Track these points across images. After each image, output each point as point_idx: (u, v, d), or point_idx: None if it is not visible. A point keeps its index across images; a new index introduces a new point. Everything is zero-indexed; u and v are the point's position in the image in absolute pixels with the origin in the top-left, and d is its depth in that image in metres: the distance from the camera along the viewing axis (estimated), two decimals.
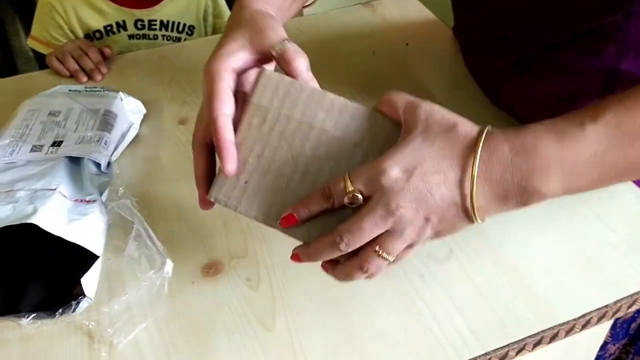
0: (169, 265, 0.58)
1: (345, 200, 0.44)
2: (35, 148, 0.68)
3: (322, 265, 0.49)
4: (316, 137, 0.48)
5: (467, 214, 0.44)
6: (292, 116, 0.48)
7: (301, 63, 0.49)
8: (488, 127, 0.44)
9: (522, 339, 0.54)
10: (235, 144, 0.48)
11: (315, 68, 0.78)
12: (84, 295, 0.56)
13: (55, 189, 0.61)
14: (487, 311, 0.56)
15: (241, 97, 0.51)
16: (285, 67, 0.49)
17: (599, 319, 0.57)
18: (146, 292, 0.57)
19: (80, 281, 0.55)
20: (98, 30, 1.08)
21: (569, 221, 0.64)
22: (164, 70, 0.89)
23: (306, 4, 0.69)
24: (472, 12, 0.79)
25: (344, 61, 0.90)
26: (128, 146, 0.74)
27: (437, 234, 0.46)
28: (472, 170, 0.43)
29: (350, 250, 0.45)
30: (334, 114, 0.48)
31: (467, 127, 0.45)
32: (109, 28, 1.09)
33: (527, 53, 0.70)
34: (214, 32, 1.18)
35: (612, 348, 0.84)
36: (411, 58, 0.91)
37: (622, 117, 0.43)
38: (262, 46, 0.50)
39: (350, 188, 0.44)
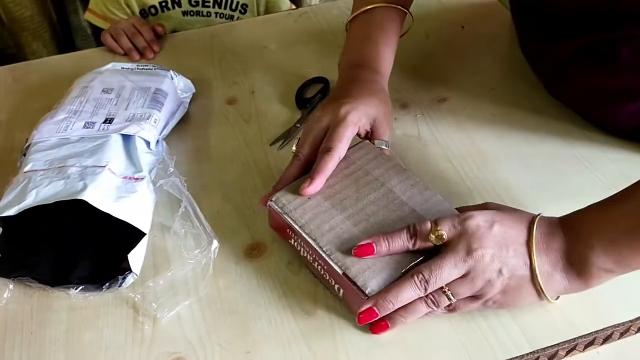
0: (215, 246, 0.58)
1: (432, 238, 0.50)
2: (88, 125, 0.69)
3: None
4: (383, 192, 0.56)
5: (534, 282, 0.49)
6: (371, 172, 0.58)
7: None
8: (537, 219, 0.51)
9: (573, 339, 0.51)
10: None
11: None
12: (130, 271, 0.57)
13: (104, 166, 0.62)
14: (537, 310, 0.54)
15: None
16: None
17: None
18: (191, 270, 0.58)
19: (127, 257, 0.56)
20: (153, 6, 1.09)
21: None
22: (214, 50, 0.89)
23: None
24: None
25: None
26: (177, 125, 0.74)
27: (504, 298, 0.50)
28: (532, 238, 0.49)
29: (427, 291, 0.49)
30: (406, 184, 0.57)
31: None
32: (164, 4, 1.09)
33: (586, 44, 0.66)
34: (267, 11, 1.17)
35: None
36: (467, 42, 0.88)
37: None
38: (374, 134, 0.63)
39: (438, 228, 0.49)
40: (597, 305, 0.54)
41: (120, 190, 0.60)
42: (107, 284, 0.57)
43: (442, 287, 0.49)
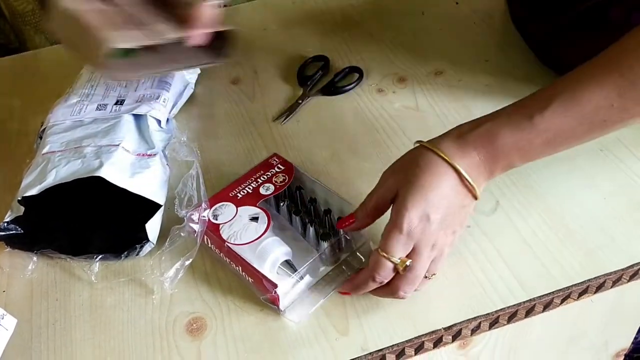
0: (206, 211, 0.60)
1: (402, 272, 0.50)
2: (100, 107, 0.72)
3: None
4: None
5: (473, 195, 0.51)
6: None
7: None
8: (437, 146, 0.50)
9: (568, 287, 0.55)
10: None
11: (362, 28, 0.79)
12: (147, 240, 0.60)
13: (118, 145, 0.65)
14: (532, 261, 0.57)
15: None
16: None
17: None
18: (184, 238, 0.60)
19: (144, 227, 0.59)
20: None
21: (619, 172, 0.64)
22: None
23: None
24: None
25: (392, 21, 0.90)
26: (184, 105, 0.77)
27: (461, 228, 0.53)
28: (462, 175, 0.49)
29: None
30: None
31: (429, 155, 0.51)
32: None
33: (576, 11, 0.69)
34: None
35: None
36: (462, 18, 0.90)
37: (566, 104, 0.48)
38: None
39: (398, 261, 0.50)
40: (591, 255, 0.57)
41: (135, 166, 0.63)
42: (125, 253, 0.60)
43: (425, 277, 0.52)
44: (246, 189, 0.62)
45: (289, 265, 0.56)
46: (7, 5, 1.54)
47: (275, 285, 0.52)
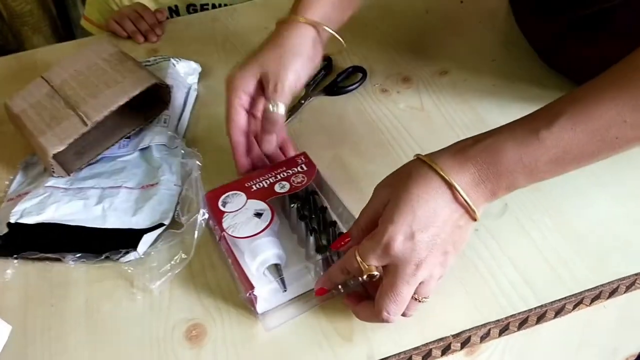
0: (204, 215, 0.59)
1: (365, 278, 0.47)
2: None
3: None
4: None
5: (470, 215, 0.47)
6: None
7: (276, 126, 0.61)
8: (434, 160, 0.47)
9: (580, 293, 0.53)
10: None
11: (365, 27, 0.78)
12: (134, 249, 0.58)
13: (120, 187, 0.64)
14: (543, 265, 0.55)
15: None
16: (263, 125, 0.61)
17: None
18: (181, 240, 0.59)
19: (141, 237, 0.58)
20: None
21: (630, 176, 0.62)
22: (217, 33, 0.90)
23: None
24: None
25: (395, 20, 0.89)
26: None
27: (456, 250, 0.48)
28: (458, 192, 0.45)
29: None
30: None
31: (423, 170, 0.47)
32: None
33: (582, 15, 0.67)
34: None
35: None
36: (465, 16, 0.89)
37: (576, 118, 0.44)
38: (266, 94, 0.59)
39: (365, 267, 0.47)
40: (603, 260, 0.55)
41: (138, 201, 0.63)
42: (106, 254, 0.58)
43: (416, 299, 0.48)
44: (263, 182, 0.60)
45: (277, 269, 0.54)
46: (5, 7, 1.53)
47: (252, 287, 0.51)
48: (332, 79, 0.79)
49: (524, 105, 0.73)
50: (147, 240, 0.59)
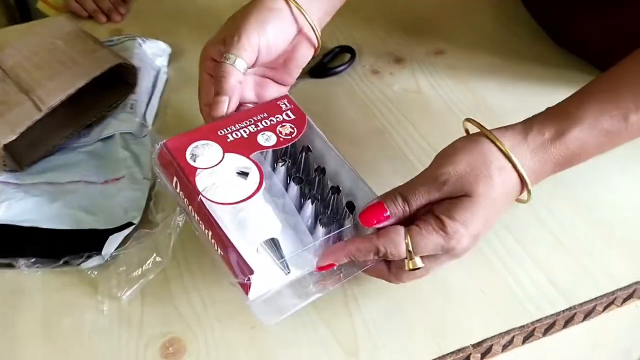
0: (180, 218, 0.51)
1: (406, 267, 0.42)
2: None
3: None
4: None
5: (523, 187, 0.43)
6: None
7: (227, 82, 0.50)
8: (516, 155, 0.43)
9: (612, 292, 0.47)
10: None
11: (352, 4, 0.68)
12: (98, 252, 0.50)
13: (79, 181, 0.57)
14: (568, 261, 0.49)
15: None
16: (214, 83, 0.51)
17: None
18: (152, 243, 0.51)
19: (106, 237, 0.51)
20: None
21: None
22: (188, 11, 0.82)
23: None
24: None
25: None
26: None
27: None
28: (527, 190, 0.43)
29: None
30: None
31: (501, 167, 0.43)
32: None
33: None
34: None
35: None
36: None
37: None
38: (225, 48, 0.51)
39: (414, 260, 0.41)
40: (635, 250, 0.49)
41: (102, 197, 0.55)
42: (64, 259, 0.50)
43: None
44: (241, 131, 0.48)
45: (275, 246, 0.43)
46: None
47: (251, 271, 0.40)
48: (318, 60, 0.71)
49: (528, 85, 0.68)
50: (113, 241, 0.50)
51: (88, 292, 0.49)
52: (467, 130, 0.47)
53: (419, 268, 0.41)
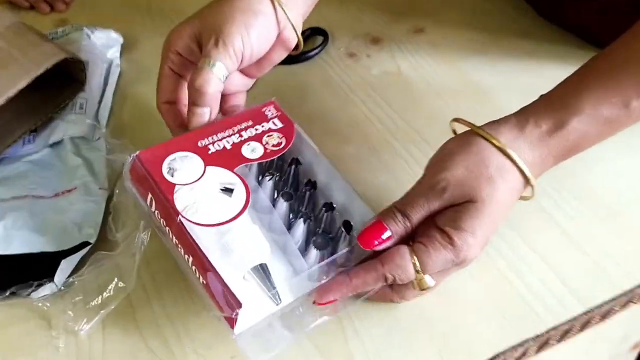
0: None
1: (417, 288, 0.39)
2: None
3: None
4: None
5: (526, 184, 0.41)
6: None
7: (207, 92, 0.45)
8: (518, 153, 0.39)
9: (631, 290, 0.43)
10: None
11: None
12: (50, 280, 0.43)
13: (26, 196, 0.50)
14: (578, 257, 0.45)
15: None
16: (190, 91, 0.46)
17: None
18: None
19: (59, 262, 0.44)
20: None
21: None
22: None
23: None
24: None
25: None
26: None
27: None
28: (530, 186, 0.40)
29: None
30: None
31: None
32: None
33: None
34: None
35: None
36: None
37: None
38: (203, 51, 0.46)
39: (424, 280, 0.38)
40: None
41: (52, 213, 0.49)
42: (11, 290, 0.44)
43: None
44: (224, 141, 0.44)
45: (264, 273, 0.38)
46: None
47: (239, 304, 0.35)
48: None
49: (517, 61, 0.63)
50: (66, 266, 0.44)
51: (41, 326, 0.43)
52: (454, 131, 0.43)
53: (428, 288, 0.37)
